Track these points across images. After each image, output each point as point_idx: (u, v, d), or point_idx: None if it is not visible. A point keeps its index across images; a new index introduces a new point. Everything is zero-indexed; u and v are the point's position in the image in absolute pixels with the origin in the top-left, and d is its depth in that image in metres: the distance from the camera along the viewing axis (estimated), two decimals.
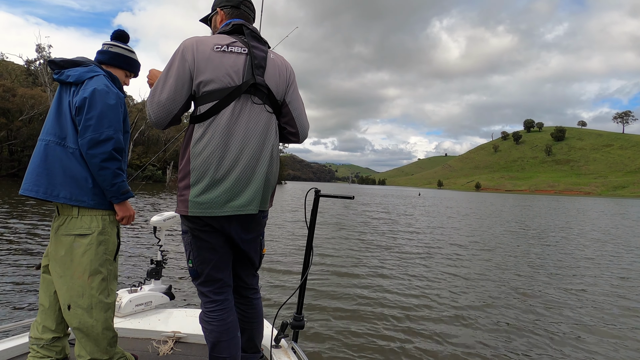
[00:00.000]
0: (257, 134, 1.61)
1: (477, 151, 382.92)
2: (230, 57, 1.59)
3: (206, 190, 1.54)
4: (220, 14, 1.77)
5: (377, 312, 4.84)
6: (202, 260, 1.66)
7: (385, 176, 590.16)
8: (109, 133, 1.68)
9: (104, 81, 1.76)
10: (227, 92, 1.57)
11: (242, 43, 1.64)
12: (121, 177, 1.74)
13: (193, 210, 1.55)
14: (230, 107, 1.57)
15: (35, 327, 1.82)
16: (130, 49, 2.01)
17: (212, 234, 1.63)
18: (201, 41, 1.59)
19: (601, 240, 13.06)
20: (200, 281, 1.69)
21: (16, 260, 6.19)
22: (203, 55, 1.55)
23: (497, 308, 5.22)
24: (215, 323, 1.66)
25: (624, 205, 57.17)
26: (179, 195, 1.60)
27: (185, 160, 1.58)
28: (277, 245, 9.07)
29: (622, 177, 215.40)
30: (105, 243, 1.77)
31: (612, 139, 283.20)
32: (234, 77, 1.59)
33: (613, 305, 5.54)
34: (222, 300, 1.70)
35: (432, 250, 9.60)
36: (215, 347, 1.67)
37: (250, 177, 1.60)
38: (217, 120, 1.55)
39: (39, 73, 38.20)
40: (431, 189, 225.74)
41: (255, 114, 1.62)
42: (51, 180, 1.70)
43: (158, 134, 52.80)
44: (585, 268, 8.18)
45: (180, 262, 6.77)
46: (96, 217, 1.75)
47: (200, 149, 1.54)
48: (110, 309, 1.78)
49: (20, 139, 38.25)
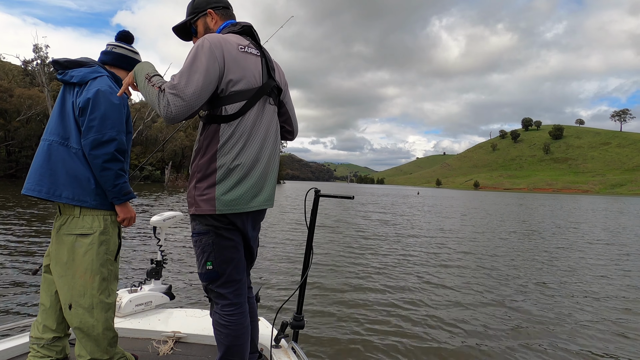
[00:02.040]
0: (272, 134, 1.70)
1: (475, 150, 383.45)
2: (252, 59, 1.64)
3: (234, 187, 1.56)
4: (212, 15, 1.75)
5: (377, 312, 4.85)
6: (224, 260, 1.63)
7: (383, 175, 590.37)
8: (111, 134, 1.68)
9: (107, 82, 1.76)
10: (253, 92, 1.61)
11: (254, 45, 1.70)
12: (123, 178, 1.74)
13: (221, 208, 1.55)
14: (255, 107, 1.62)
15: (36, 326, 1.81)
16: (134, 50, 2.01)
17: (235, 231, 1.64)
18: (225, 39, 1.58)
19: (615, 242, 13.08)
20: (221, 282, 1.65)
21: (16, 261, 6.18)
22: (230, 53, 1.55)
23: (499, 307, 5.23)
24: (232, 327, 1.64)
25: (625, 202, 57.31)
26: (199, 194, 1.57)
27: (208, 159, 1.57)
28: (277, 245, 9.07)
29: (620, 175, 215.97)
30: (106, 243, 1.77)
31: (610, 137, 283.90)
32: (257, 78, 1.64)
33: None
34: (242, 303, 1.69)
35: (432, 251, 9.62)
36: (229, 351, 1.66)
37: (269, 174, 1.68)
38: (244, 120, 1.59)
39: (36, 73, 38.04)
40: (430, 188, 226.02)
41: (270, 115, 1.70)
42: (54, 180, 1.71)
43: (156, 134, 52.69)
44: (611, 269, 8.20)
45: (180, 262, 6.76)
46: (98, 217, 1.75)
47: (229, 148, 1.56)
48: (110, 309, 1.79)
49: (18, 139, 38.17)
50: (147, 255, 7.21)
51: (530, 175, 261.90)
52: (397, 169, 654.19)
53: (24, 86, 43.41)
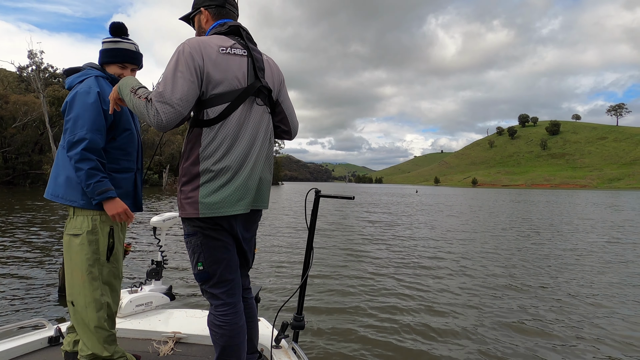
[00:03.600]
0: (261, 135, 1.68)
1: (472, 147, 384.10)
2: (235, 60, 1.60)
3: (216, 191, 1.55)
4: (204, 13, 1.73)
5: (378, 312, 4.85)
6: (214, 260, 1.63)
7: (382, 174, 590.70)
8: (81, 134, 1.71)
9: (89, 83, 1.80)
10: (236, 95, 1.58)
11: (241, 45, 1.65)
12: (95, 178, 1.72)
13: (204, 212, 1.55)
14: (239, 109, 1.59)
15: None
16: (114, 40, 1.95)
17: (223, 232, 1.64)
18: (205, 42, 1.56)
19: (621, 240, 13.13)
20: (212, 283, 1.65)
21: (16, 261, 6.16)
22: (210, 57, 1.53)
23: (501, 304, 5.23)
24: (227, 327, 1.64)
25: (623, 197, 57.55)
26: (184, 198, 1.58)
27: (191, 163, 1.57)
28: (277, 246, 9.06)
29: (617, 169, 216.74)
30: (95, 243, 1.79)
31: (607, 131, 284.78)
32: (241, 79, 1.60)
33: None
34: (235, 303, 1.69)
35: (433, 250, 9.63)
36: (225, 351, 1.65)
37: (257, 176, 1.65)
38: (227, 123, 1.56)
39: (31, 79, 37.92)
40: (428, 186, 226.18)
41: (258, 116, 1.67)
42: (56, 182, 1.83)
43: (153, 138, 52.60)
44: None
45: (180, 263, 6.75)
46: (87, 217, 1.79)
47: (211, 152, 1.55)
48: (103, 308, 1.80)
49: (14, 146, 38.05)
50: (148, 255, 7.21)
51: (528, 171, 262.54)
52: (395, 168, 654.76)
53: (19, 92, 43.30)
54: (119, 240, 1.89)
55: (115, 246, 1.86)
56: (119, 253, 1.91)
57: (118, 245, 1.89)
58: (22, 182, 39.06)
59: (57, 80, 53.26)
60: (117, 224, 1.88)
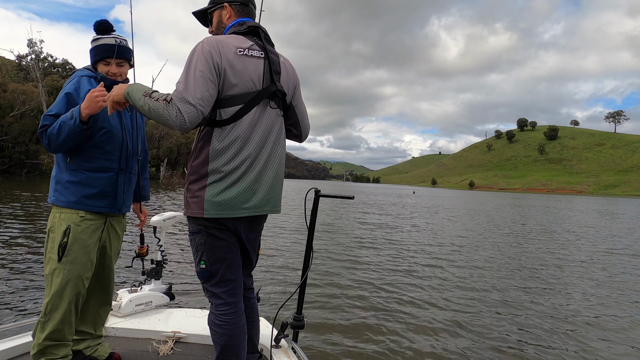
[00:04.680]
0: (272, 138, 1.67)
1: (470, 150, 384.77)
2: (252, 62, 1.60)
3: (223, 191, 1.55)
4: (227, 9, 1.72)
5: (379, 312, 4.87)
6: (216, 259, 1.64)
7: (379, 174, 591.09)
8: (44, 115, 1.76)
9: (74, 82, 1.83)
10: (250, 97, 1.57)
11: (258, 46, 1.64)
12: (57, 125, 1.69)
13: (209, 212, 1.55)
14: (252, 111, 1.58)
15: None
16: (95, 38, 1.93)
17: (227, 232, 1.64)
18: (223, 42, 1.55)
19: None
20: (214, 282, 1.66)
21: (15, 261, 6.14)
22: (227, 57, 1.53)
23: (503, 299, 5.26)
24: (227, 327, 1.64)
25: (619, 204, 57.80)
26: (191, 196, 1.59)
27: (200, 162, 1.57)
28: (277, 246, 9.07)
29: (613, 176, 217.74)
30: (52, 241, 1.79)
31: (604, 138, 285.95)
32: (256, 82, 1.59)
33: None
34: (236, 303, 1.69)
35: (434, 251, 9.65)
36: (225, 351, 1.66)
37: (267, 178, 1.64)
38: (239, 124, 1.56)
39: (30, 68, 37.64)
40: (425, 187, 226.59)
41: (271, 119, 1.67)
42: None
43: (152, 131, 52.40)
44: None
45: (180, 263, 6.74)
46: (52, 214, 1.83)
47: (222, 152, 1.54)
48: (45, 309, 1.76)
49: (11, 134, 37.77)
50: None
51: (524, 175, 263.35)
52: (393, 168, 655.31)
53: (17, 81, 42.94)
54: (79, 241, 1.77)
55: (69, 246, 1.74)
56: (84, 256, 1.78)
57: (77, 247, 1.76)
58: (18, 171, 38.80)
59: (56, 69, 52.96)
60: (81, 225, 1.78)
